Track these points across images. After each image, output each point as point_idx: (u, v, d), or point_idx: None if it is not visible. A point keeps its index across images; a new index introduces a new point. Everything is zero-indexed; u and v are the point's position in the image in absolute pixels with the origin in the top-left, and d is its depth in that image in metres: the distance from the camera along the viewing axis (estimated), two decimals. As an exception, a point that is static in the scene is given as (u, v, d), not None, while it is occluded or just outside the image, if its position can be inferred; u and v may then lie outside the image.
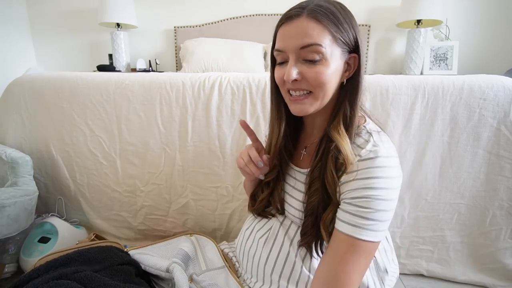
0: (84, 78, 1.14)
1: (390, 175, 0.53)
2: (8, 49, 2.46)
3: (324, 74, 0.55)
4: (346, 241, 0.53)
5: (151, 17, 2.61)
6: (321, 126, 0.64)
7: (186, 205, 1.12)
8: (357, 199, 0.53)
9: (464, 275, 1.00)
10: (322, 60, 0.54)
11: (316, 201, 0.59)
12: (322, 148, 0.60)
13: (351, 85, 0.59)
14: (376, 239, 0.53)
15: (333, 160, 0.56)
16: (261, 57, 2.34)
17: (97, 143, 1.13)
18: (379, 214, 0.52)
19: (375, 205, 0.52)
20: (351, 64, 0.59)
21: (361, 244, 0.52)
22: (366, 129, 0.59)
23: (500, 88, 0.92)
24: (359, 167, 0.54)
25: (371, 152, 0.54)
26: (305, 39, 0.54)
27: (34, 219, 1.05)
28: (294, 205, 0.67)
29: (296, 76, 0.55)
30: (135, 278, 0.70)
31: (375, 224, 0.52)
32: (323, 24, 0.53)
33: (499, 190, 0.95)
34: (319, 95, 0.57)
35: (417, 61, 2.20)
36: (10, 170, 1.03)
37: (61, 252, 0.73)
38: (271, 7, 2.47)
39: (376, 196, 0.52)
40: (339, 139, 0.55)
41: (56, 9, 2.66)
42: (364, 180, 0.53)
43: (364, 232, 0.52)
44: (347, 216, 0.54)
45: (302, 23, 0.54)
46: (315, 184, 0.60)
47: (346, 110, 0.58)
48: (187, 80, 1.08)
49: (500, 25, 2.33)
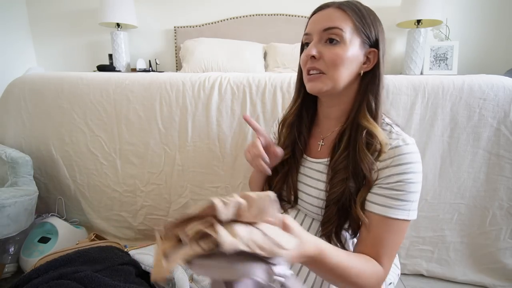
0: (84, 78, 1.14)
1: (418, 160, 0.58)
2: (8, 49, 2.46)
3: (341, 56, 0.59)
4: (380, 221, 0.58)
5: (151, 17, 2.61)
6: (337, 118, 0.67)
7: (186, 205, 1.12)
8: (392, 184, 0.57)
9: (464, 275, 1.00)
10: (341, 43, 0.60)
11: (342, 190, 0.61)
12: (346, 138, 0.63)
13: (370, 78, 0.62)
14: (409, 218, 0.58)
15: (364, 145, 0.59)
16: (261, 57, 2.34)
17: (97, 143, 1.13)
18: (410, 195, 0.57)
19: (408, 188, 0.57)
20: (371, 58, 0.62)
21: (395, 223, 0.57)
22: (385, 122, 0.64)
23: (500, 88, 0.92)
24: (392, 154, 0.58)
25: (400, 140, 0.59)
26: (329, 23, 0.60)
27: (34, 219, 1.05)
28: (313, 194, 0.68)
29: (315, 53, 0.60)
30: (135, 278, 0.70)
31: (407, 204, 0.57)
32: (347, 14, 0.60)
33: (499, 190, 0.95)
34: (332, 76, 0.61)
35: (417, 61, 2.20)
36: (10, 170, 1.03)
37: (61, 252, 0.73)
38: (271, 7, 2.47)
39: (409, 179, 0.57)
40: (371, 126, 0.60)
41: (56, 9, 2.66)
42: (398, 167, 0.57)
43: (399, 212, 0.57)
44: (381, 199, 0.58)
45: (329, 12, 0.62)
46: (340, 175, 0.62)
47: (371, 101, 0.62)
48: (187, 80, 1.08)
49: (500, 25, 2.33)
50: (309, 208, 0.69)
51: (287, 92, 1.01)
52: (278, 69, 2.23)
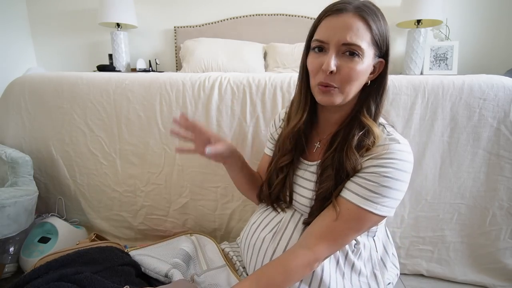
0: (84, 78, 1.14)
1: (405, 159, 0.58)
2: (8, 49, 2.46)
3: (356, 71, 0.58)
4: (348, 207, 0.58)
5: (151, 17, 2.61)
6: (335, 122, 0.67)
7: (186, 205, 1.12)
8: (368, 174, 0.58)
9: (464, 275, 1.00)
10: (360, 56, 0.57)
11: (328, 186, 0.62)
12: (338, 139, 0.63)
13: (374, 86, 0.63)
14: (377, 212, 0.57)
15: (354, 144, 0.60)
16: (261, 57, 2.34)
17: (97, 143, 1.13)
18: (384, 189, 0.56)
19: (382, 181, 0.56)
20: (377, 67, 0.62)
21: (361, 212, 0.57)
22: (381, 123, 0.64)
23: (500, 88, 0.92)
24: (379, 150, 0.58)
25: (388, 138, 0.59)
26: (350, 37, 0.56)
27: (34, 219, 1.05)
28: (305, 194, 0.68)
29: (334, 68, 0.57)
30: (135, 279, 0.70)
31: (378, 197, 0.57)
32: (368, 23, 0.57)
33: (499, 190, 0.95)
34: (345, 90, 0.60)
35: (417, 61, 2.20)
36: (10, 170, 1.03)
37: (61, 252, 0.73)
38: (271, 7, 2.47)
39: (385, 173, 0.56)
40: (370, 124, 0.60)
41: (56, 9, 2.66)
42: (379, 159, 0.57)
43: (365, 202, 0.57)
44: (355, 187, 0.58)
45: (349, 19, 0.56)
46: (328, 171, 0.63)
47: (371, 107, 0.62)
48: (187, 80, 1.08)
49: (500, 25, 2.33)
50: (303, 208, 0.69)
51: (287, 92, 1.01)
52: (278, 69, 2.23)
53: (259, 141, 1.03)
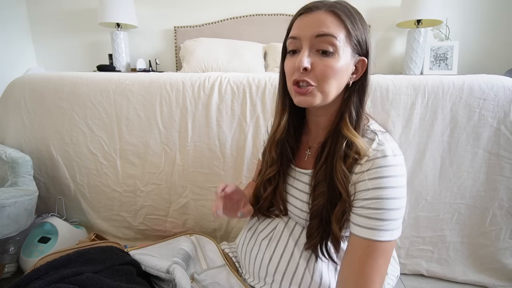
0: (84, 78, 1.14)
1: (398, 173, 0.54)
2: (8, 49, 2.46)
3: (332, 68, 0.55)
4: (363, 244, 0.54)
5: (151, 17, 2.61)
6: (325, 127, 0.64)
7: (186, 205, 1.12)
8: (369, 201, 0.54)
9: (464, 275, 1.00)
10: (334, 53, 0.55)
11: (321, 203, 0.59)
12: (326, 150, 0.60)
13: (358, 88, 0.59)
14: (393, 238, 0.54)
15: (341, 157, 0.57)
16: (261, 57, 2.34)
17: (97, 143, 1.13)
18: (392, 213, 0.53)
19: (387, 205, 0.53)
20: (359, 67, 0.59)
21: (378, 245, 0.53)
22: (371, 129, 0.60)
23: (500, 88, 0.92)
24: (368, 167, 0.54)
25: (378, 152, 0.55)
26: (322, 28, 0.54)
27: (34, 219, 1.05)
28: (298, 206, 0.67)
29: (307, 65, 0.55)
30: (136, 278, 0.70)
31: (389, 224, 0.53)
32: (341, 18, 0.55)
33: (499, 190, 0.95)
34: (323, 89, 0.57)
35: (417, 61, 2.20)
36: (10, 170, 1.03)
37: (61, 252, 0.72)
38: (271, 7, 2.47)
39: (386, 196, 0.53)
40: (351, 135, 0.56)
41: (56, 9, 2.66)
42: (374, 181, 0.53)
43: (381, 233, 0.53)
44: (361, 220, 0.54)
45: (320, 15, 0.55)
46: (320, 187, 0.60)
47: (352, 112, 0.58)
48: (187, 80, 1.08)
49: (500, 25, 2.33)
50: (297, 219, 0.68)
51: (287, 92, 1.01)
52: (278, 69, 2.22)
53: (259, 141, 1.03)
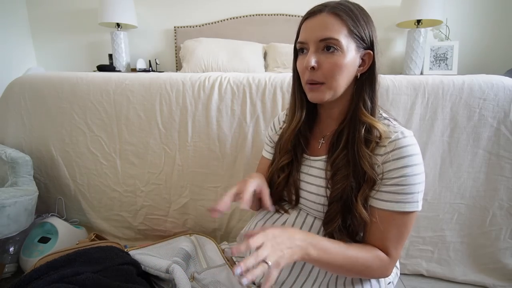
0: (84, 78, 1.14)
1: (417, 151, 0.60)
2: (8, 49, 2.46)
3: (338, 65, 0.60)
4: (390, 217, 0.59)
5: (151, 17, 2.61)
6: (337, 117, 0.68)
7: (186, 205, 1.12)
8: (397, 179, 0.59)
9: (464, 275, 1.00)
10: (339, 51, 0.60)
11: (344, 187, 0.62)
12: (345, 137, 0.64)
13: (366, 79, 0.63)
14: (418, 209, 0.59)
15: (362, 142, 0.61)
16: (261, 57, 2.34)
17: (97, 143, 1.13)
18: (416, 186, 0.59)
19: (412, 180, 0.58)
20: (366, 60, 0.63)
21: (405, 216, 0.59)
22: (383, 116, 0.65)
23: (500, 88, 0.92)
24: (392, 147, 0.59)
25: (399, 133, 0.60)
26: (325, 32, 0.60)
27: (34, 219, 1.05)
28: (314, 191, 0.68)
29: (314, 64, 0.60)
30: (136, 278, 0.70)
31: (414, 196, 0.59)
32: (342, 19, 0.60)
33: (499, 190, 0.95)
34: (331, 85, 0.61)
35: (417, 61, 2.20)
36: (10, 170, 1.03)
37: (61, 252, 0.73)
38: (271, 7, 2.47)
39: (411, 173, 0.58)
40: (370, 120, 0.61)
41: (56, 9, 2.66)
42: (400, 160, 0.58)
43: (407, 205, 0.59)
44: (390, 196, 0.59)
45: (323, 18, 0.61)
46: (342, 172, 0.63)
47: (367, 100, 0.63)
48: (187, 80, 1.08)
49: (500, 25, 2.33)
50: (311, 205, 0.69)
51: (287, 92, 1.01)
52: (278, 69, 2.23)
53: (259, 141, 1.03)
